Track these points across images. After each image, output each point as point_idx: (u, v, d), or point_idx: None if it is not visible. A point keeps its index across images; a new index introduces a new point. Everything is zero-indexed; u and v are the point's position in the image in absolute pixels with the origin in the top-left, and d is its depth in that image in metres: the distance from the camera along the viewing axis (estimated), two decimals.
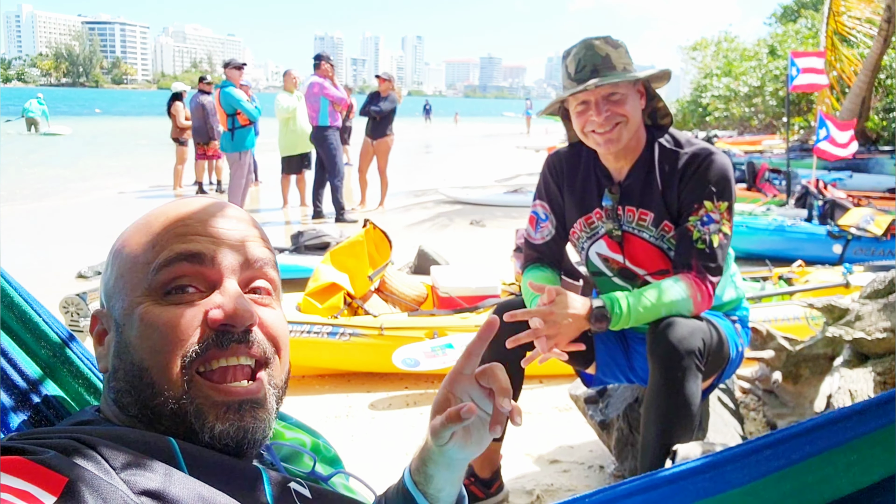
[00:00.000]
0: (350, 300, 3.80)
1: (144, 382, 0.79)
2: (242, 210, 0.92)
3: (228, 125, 8.13)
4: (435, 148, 23.72)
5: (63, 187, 11.76)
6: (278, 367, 0.86)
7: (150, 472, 0.70)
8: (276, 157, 9.29)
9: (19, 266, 6.07)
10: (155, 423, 0.80)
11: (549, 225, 2.29)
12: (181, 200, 0.90)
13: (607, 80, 1.99)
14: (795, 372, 2.73)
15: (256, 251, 0.87)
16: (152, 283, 0.81)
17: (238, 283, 0.84)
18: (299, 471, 0.90)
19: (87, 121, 32.13)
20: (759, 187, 8.74)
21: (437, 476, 0.93)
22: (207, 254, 0.82)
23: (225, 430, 0.79)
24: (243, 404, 0.80)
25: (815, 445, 0.95)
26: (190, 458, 0.75)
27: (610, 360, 2.27)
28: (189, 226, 0.84)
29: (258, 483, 0.79)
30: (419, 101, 49.08)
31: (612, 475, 2.57)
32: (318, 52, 8.61)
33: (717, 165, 2.07)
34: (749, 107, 21.06)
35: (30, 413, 0.91)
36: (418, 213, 9.44)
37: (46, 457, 0.65)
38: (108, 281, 0.86)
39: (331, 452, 1.03)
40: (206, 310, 0.80)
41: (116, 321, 0.83)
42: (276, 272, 0.91)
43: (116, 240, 0.89)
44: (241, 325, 0.81)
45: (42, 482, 0.62)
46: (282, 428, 0.98)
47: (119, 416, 0.83)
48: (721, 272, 2.07)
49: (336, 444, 3.15)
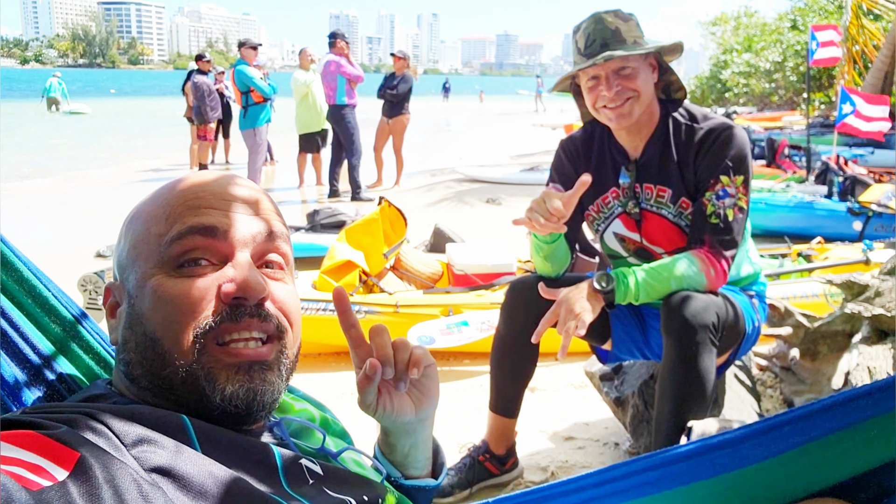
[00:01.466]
0: (365, 278, 3.80)
1: (156, 353, 0.80)
2: (256, 184, 0.92)
3: (243, 102, 8.16)
4: (451, 126, 23.62)
5: (83, 165, 11.84)
6: (290, 341, 0.86)
7: (160, 449, 0.70)
8: (291, 137, 9.28)
9: (40, 244, 6.13)
10: (166, 393, 0.80)
11: None
12: (195, 173, 0.90)
13: (617, 54, 1.97)
14: (813, 349, 2.70)
15: (269, 225, 0.87)
16: (165, 255, 0.81)
17: (251, 256, 0.84)
18: (309, 446, 0.91)
19: (104, 101, 32.29)
20: (779, 164, 8.64)
21: (398, 444, 0.97)
22: (220, 227, 0.82)
23: (235, 391, 0.79)
24: (253, 365, 0.81)
25: (835, 422, 0.94)
26: (202, 435, 0.75)
27: (626, 336, 2.26)
28: (202, 198, 0.84)
29: (269, 460, 0.80)
30: (436, 80, 48.81)
31: (627, 452, 2.57)
32: (333, 31, 8.57)
33: (734, 139, 2.04)
34: (769, 82, 20.74)
35: (42, 387, 0.92)
36: (434, 192, 9.42)
37: (59, 432, 0.65)
38: (122, 253, 0.86)
39: (338, 426, 1.03)
40: (218, 283, 0.81)
41: (129, 293, 0.84)
42: (289, 246, 0.90)
43: (130, 212, 0.89)
44: (254, 298, 0.81)
45: (54, 457, 0.62)
46: (290, 400, 0.99)
47: (130, 389, 0.83)
48: (736, 246, 2.05)
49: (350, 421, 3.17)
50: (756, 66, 20.81)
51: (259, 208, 0.87)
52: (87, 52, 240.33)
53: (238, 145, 10.56)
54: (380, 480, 0.94)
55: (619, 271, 1.99)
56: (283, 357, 0.85)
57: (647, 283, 1.97)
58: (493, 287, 3.73)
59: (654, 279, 1.98)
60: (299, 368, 2.96)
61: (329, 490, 0.82)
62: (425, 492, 1.00)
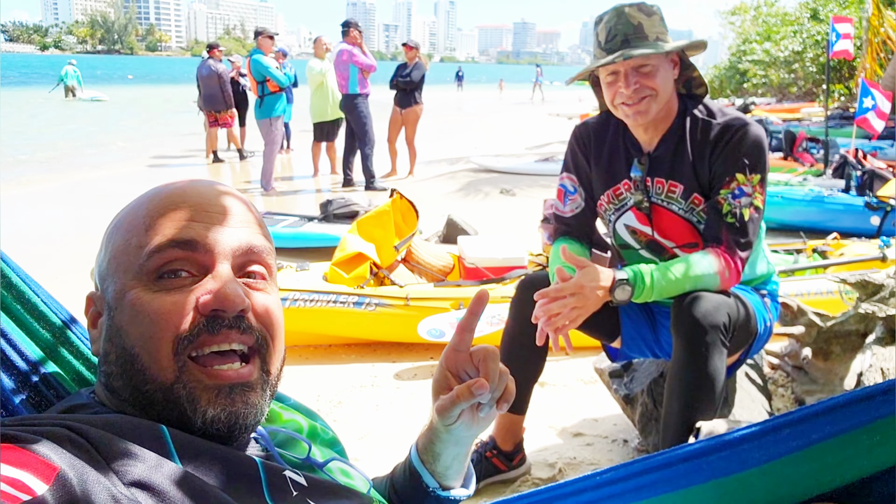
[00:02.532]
0: (376, 270, 3.80)
1: (136, 368, 0.79)
2: (240, 195, 0.90)
3: (259, 92, 8.16)
4: (466, 115, 23.54)
5: (97, 152, 11.91)
6: (272, 353, 0.85)
7: (140, 463, 0.69)
8: (306, 125, 9.28)
9: (56, 234, 6.18)
10: (147, 408, 0.79)
11: (577, 198, 2.26)
12: (177, 183, 0.88)
13: (636, 53, 1.94)
14: (826, 348, 2.67)
15: (252, 239, 0.85)
16: (144, 267, 0.80)
17: (232, 267, 0.82)
18: (295, 457, 0.90)
19: (121, 88, 32.48)
20: (797, 156, 8.53)
21: (444, 454, 0.96)
22: (200, 240, 0.81)
23: (216, 415, 0.78)
24: (234, 388, 0.79)
25: (837, 426, 0.93)
26: (181, 448, 0.75)
27: (636, 335, 2.25)
28: (183, 210, 0.82)
29: (252, 472, 0.79)
30: (453, 68, 48.73)
31: (636, 449, 2.56)
32: (346, 19, 8.55)
33: (751, 137, 2.01)
34: (789, 73, 20.48)
35: (30, 393, 0.92)
36: (448, 182, 9.40)
37: (38, 445, 0.65)
38: (102, 263, 0.85)
39: (328, 435, 1.02)
40: (197, 296, 0.79)
41: (109, 304, 0.83)
42: (273, 258, 0.89)
43: (111, 221, 0.88)
44: (233, 310, 0.79)
45: (34, 470, 0.62)
46: (279, 409, 0.98)
47: (111, 400, 0.82)
48: (751, 247, 2.02)
49: (361, 414, 3.16)
50: (775, 56, 20.56)
51: (241, 219, 0.86)
52: (106, 39, 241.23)
53: (253, 133, 10.61)
54: (366, 490, 0.94)
55: (636, 272, 1.97)
56: (265, 374, 0.83)
57: (661, 282, 1.95)
58: (503, 281, 3.72)
59: (669, 279, 1.95)
60: (309, 361, 2.97)
61: (313, 502, 0.81)
62: (455, 502, 1.00)
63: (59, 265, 4.83)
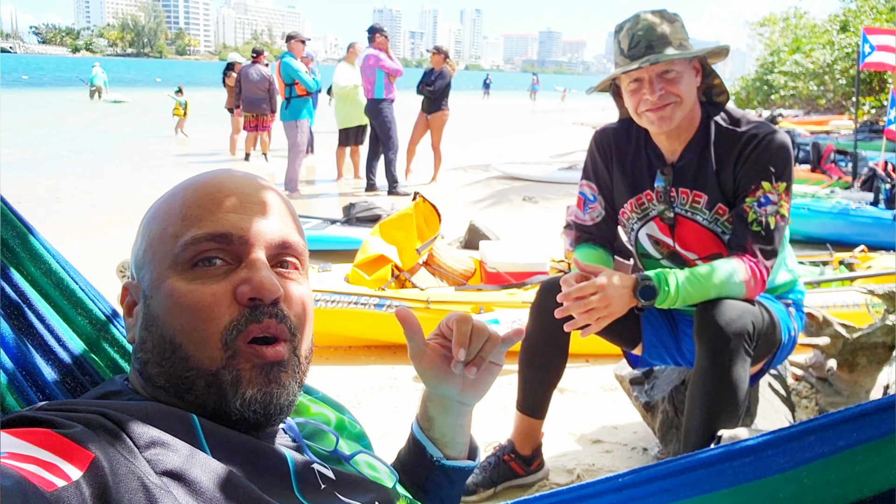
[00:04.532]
0: (398, 273, 3.81)
1: (177, 356, 0.80)
2: (276, 188, 0.91)
3: (286, 94, 8.26)
4: (490, 123, 23.54)
5: (120, 150, 12.07)
6: (302, 341, 0.86)
7: (173, 453, 0.70)
8: (329, 129, 9.33)
9: (86, 230, 6.27)
10: (184, 394, 0.80)
11: (597, 206, 2.25)
12: (214, 172, 0.90)
13: (662, 58, 1.92)
14: (851, 360, 2.63)
15: (287, 232, 0.87)
16: (179, 257, 0.81)
17: (265, 256, 0.84)
18: (322, 449, 0.91)
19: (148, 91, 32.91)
20: (824, 169, 8.43)
21: (437, 419, 1.01)
22: (235, 233, 0.82)
23: (254, 395, 0.79)
24: (272, 367, 0.81)
25: (863, 433, 0.91)
26: (212, 438, 0.76)
27: (657, 342, 2.23)
28: (219, 201, 0.84)
29: (282, 465, 0.80)
30: (477, 76, 48.86)
31: (656, 458, 2.53)
32: (372, 25, 8.61)
33: (776, 144, 1.99)
34: (818, 85, 20.26)
35: (67, 379, 0.93)
36: (471, 188, 9.41)
37: (74, 431, 0.66)
38: (138, 252, 0.87)
39: (356, 428, 1.03)
40: (233, 285, 0.81)
41: (144, 292, 0.84)
42: (304, 248, 0.91)
43: (147, 210, 0.89)
44: (269, 298, 0.81)
45: (69, 456, 0.63)
46: (307, 402, 0.99)
47: (145, 387, 0.83)
48: (776, 255, 2.00)
49: (380, 415, 3.16)
50: (804, 68, 20.35)
51: (275, 211, 0.87)
52: (136, 42, 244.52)
53: (277, 136, 10.68)
54: (392, 485, 0.94)
55: (660, 275, 1.95)
56: (295, 358, 0.84)
57: (686, 289, 1.93)
58: (525, 286, 3.71)
59: (694, 286, 1.94)
60: (330, 361, 2.98)
61: (341, 495, 0.82)
62: (462, 472, 1.04)
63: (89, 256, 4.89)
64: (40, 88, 32.18)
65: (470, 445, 1.06)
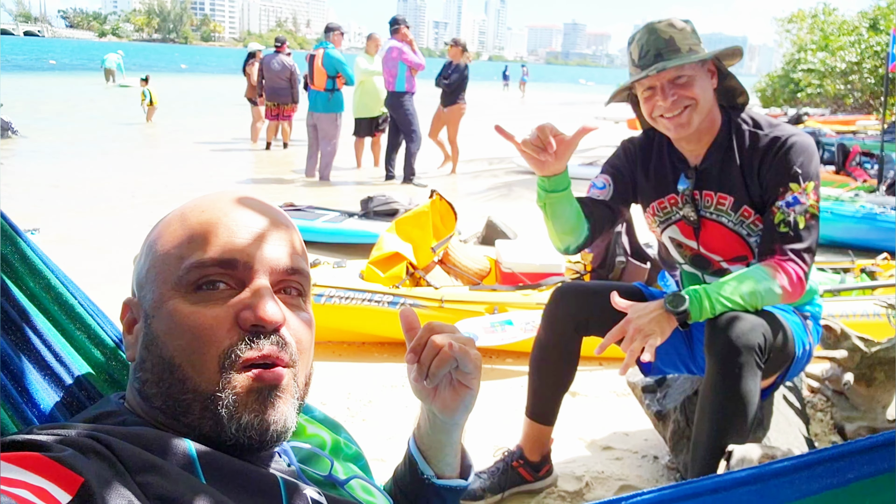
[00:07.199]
0: (412, 270, 3.81)
1: (175, 378, 0.80)
2: (280, 211, 0.91)
3: (327, 86, 8.29)
4: (512, 116, 23.43)
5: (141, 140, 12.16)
6: (302, 367, 0.86)
7: (165, 478, 0.70)
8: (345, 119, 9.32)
9: (102, 224, 6.31)
10: (180, 416, 0.80)
11: (602, 193, 2.22)
12: (219, 194, 0.89)
13: (669, 64, 1.92)
14: (869, 374, 2.59)
15: (291, 260, 0.87)
16: (182, 279, 0.81)
17: (269, 282, 0.84)
18: (317, 473, 0.90)
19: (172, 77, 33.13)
20: (849, 171, 8.30)
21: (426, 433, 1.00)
22: (241, 259, 0.82)
23: (250, 421, 0.79)
24: (270, 392, 0.80)
25: (875, 465, 0.89)
26: (206, 463, 0.75)
27: (671, 349, 2.21)
28: (226, 226, 0.84)
29: (274, 490, 0.79)
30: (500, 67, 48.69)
31: (666, 467, 2.51)
32: (394, 16, 8.58)
33: (800, 146, 1.97)
34: (845, 84, 19.94)
35: (63, 396, 0.93)
36: (489, 182, 9.38)
37: (64, 455, 0.66)
38: (141, 270, 0.87)
39: (352, 450, 1.03)
40: (235, 310, 0.81)
41: (146, 312, 0.84)
42: (308, 274, 0.90)
43: (152, 229, 0.89)
44: (271, 326, 0.81)
45: (59, 480, 0.62)
46: (304, 422, 0.98)
47: (142, 406, 0.83)
48: (810, 252, 1.96)
49: (390, 413, 3.16)
50: (832, 66, 20.02)
51: (281, 237, 0.87)
52: (162, 28, 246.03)
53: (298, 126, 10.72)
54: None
55: (690, 290, 1.92)
56: (294, 384, 0.84)
57: (720, 299, 1.89)
58: (539, 287, 3.69)
59: (729, 295, 1.90)
60: (343, 358, 2.99)
61: None
62: (455, 492, 1.01)
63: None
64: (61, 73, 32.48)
65: (463, 463, 1.05)
